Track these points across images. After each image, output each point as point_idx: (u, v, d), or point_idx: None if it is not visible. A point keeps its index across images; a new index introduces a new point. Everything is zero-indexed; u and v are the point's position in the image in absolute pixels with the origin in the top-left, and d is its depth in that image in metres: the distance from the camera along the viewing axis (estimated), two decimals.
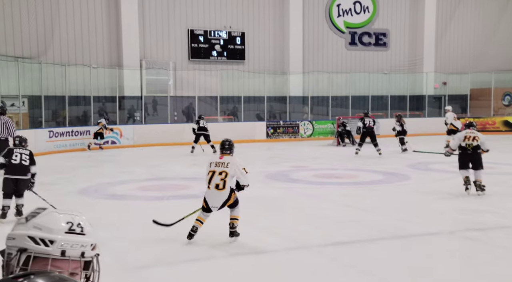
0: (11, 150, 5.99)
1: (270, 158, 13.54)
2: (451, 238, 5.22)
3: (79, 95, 16.29)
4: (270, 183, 8.80)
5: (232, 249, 4.83)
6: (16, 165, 5.85)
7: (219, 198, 4.82)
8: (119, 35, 16.95)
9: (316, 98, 19.90)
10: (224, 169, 4.76)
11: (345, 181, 9.04)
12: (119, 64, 16.90)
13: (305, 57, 19.75)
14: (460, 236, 5.28)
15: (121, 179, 9.33)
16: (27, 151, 6.00)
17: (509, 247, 4.85)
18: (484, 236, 5.28)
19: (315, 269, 4.31)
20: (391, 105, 20.35)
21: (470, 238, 5.21)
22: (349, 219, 6.10)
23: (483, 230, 5.51)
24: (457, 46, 22.01)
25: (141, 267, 4.40)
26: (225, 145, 4.97)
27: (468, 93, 21.27)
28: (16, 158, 5.87)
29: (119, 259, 4.60)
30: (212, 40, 18.36)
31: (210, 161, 4.86)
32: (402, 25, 21.22)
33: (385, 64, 20.98)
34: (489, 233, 5.39)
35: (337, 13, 20.33)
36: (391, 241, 5.13)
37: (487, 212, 6.30)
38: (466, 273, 4.15)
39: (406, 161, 11.44)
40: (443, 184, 8.70)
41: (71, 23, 16.39)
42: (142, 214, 6.62)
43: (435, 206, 6.74)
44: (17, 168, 5.87)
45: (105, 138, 14.93)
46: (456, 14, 21.93)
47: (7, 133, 9.88)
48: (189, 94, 17.87)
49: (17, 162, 5.86)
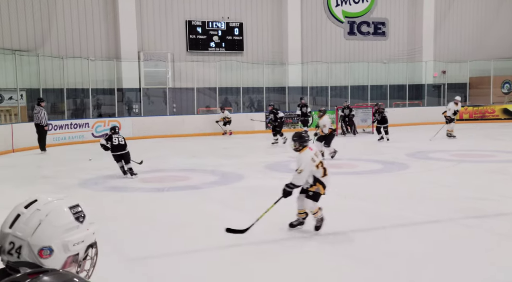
0: (110, 135, 8.55)
1: (270, 148, 13.54)
2: (451, 226, 5.23)
3: (77, 88, 16.26)
4: (269, 173, 8.80)
5: (231, 240, 4.84)
6: (117, 145, 8.47)
7: None
8: (117, 27, 16.86)
9: (315, 88, 19.85)
10: (320, 158, 5.05)
11: (345, 170, 9.04)
12: (117, 57, 16.84)
13: (304, 48, 19.67)
14: (460, 224, 5.29)
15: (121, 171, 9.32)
16: (121, 136, 8.68)
17: (508, 235, 4.87)
18: (484, 223, 5.29)
19: (314, 257, 4.33)
20: (390, 95, 20.32)
21: (469, 225, 5.22)
22: (349, 208, 6.12)
23: (482, 217, 5.53)
24: (456, 35, 21.92)
25: (141, 258, 4.42)
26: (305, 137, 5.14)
27: (467, 81, 21.24)
28: (115, 141, 8.48)
29: (119, 251, 4.61)
30: (210, 31, 18.27)
31: (309, 157, 4.90)
32: (401, 14, 21.12)
33: (384, 53, 20.91)
34: (488, 221, 5.41)
35: (335, 3, 20.21)
36: (391, 229, 5.14)
37: (487, 199, 6.31)
38: (466, 261, 4.17)
39: (406, 150, 11.45)
40: (442, 172, 8.71)
41: (68, 15, 16.29)
42: (142, 206, 6.64)
43: (435, 194, 6.75)
44: (118, 147, 8.48)
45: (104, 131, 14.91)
46: (455, 2, 21.81)
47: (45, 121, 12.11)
48: (188, 86, 17.83)
49: (116, 143, 8.48)
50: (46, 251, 1.33)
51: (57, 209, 1.37)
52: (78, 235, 1.38)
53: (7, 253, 1.33)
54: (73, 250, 1.37)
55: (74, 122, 14.79)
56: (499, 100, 20.76)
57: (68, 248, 1.36)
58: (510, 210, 5.83)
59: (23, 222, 1.34)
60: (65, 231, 1.36)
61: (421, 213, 5.73)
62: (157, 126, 16.11)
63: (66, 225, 1.36)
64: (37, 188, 7.82)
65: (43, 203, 1.38)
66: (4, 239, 1.34)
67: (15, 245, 1.32)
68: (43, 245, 1.32)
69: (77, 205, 1.42)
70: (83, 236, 1.39)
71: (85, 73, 16.09)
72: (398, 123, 18.69)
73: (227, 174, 8.73)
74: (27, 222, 1.34)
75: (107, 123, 15.52)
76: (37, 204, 1.37)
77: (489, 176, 8.09)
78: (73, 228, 1.37)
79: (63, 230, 1.35)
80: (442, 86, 21.20)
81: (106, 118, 15.82)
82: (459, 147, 12.13)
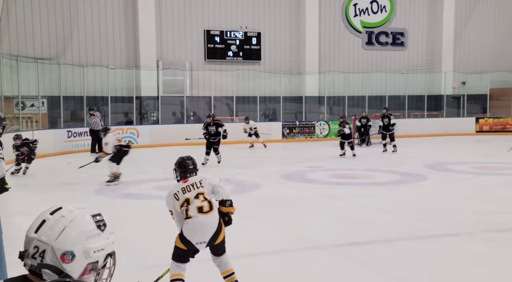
0: (207, 125, 11.16)
1: (286, 158, 13.51)
2: (469, 239, 5.12)
3: (97, 96, 16.49)
4: (285, 183, 8.77)
5: (246, 249, 4.82)
6: (211, 133, 10.97)
7: (209, 227, 3.42)
8: (136, 36, 17.10)
9: (332, 98, 19.78)
10: (199, 190, 3.47)
11: (362, 181, 8.96)
12: (136, 65, 17.06)
13: (321, 57, 19.65)
14: (478, 237, 5.18)
15: (138, 179, 9.41)
16: (214, 126, 11.04)
17: None
18: (503, 237, 5.17)
19: (330, 268, 4.28)
20: (408, 105, 20.12)
21: (488, 239, 5.11)
22: (365, 219, 6.04)
23: (502, 231, 5.41)
24: (476, 45, 21.64)
25: (156, 266, 4.42)
26: (188, 165, 3.65)
27: (487, 93, 20.92)
28: (211, 130, 11.03)
29: (134, 258, 4.63)
30: (228, 40, 18.40)
31: (172, 192, 3.53)
32: (420, 24, 20.97)
33: (403, 63, 20.75)
34: (508, 235, 5.29)
35: (353, 13, 20.18)
36: (408, 241, 5.06)
37: (506, 213, 6.17)
38: (484, 275, 4.07)
39: (423, 161, 11.30)
40: (460, 184, 8.56)
41: (89, 24, 16.59)
42: (158, 213, 6.66)
43: (453, 207, 6.63)
44: (212, 134, 10.99)
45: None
46: (475, 12, 21.58)
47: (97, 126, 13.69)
48: (205, 94, 17.94)
49: (212, 132, 10.99)
50: (68, 256, 1.39)
51: (80, 216, 1.45)
52: (99, 243, 1.45)
53: (31, 257, 1.40)
54: (93, 257, 1.43)
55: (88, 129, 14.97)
56: None
57: (89, 255, 1.42)
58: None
59: (48, 228, 1.41)
60: (88, 237, 1.43)
61: (439, 226, 5.63)
62: (174, 134, 16.21)
63: (88, 232, 1.43)
64: (54, 195, 7.93)
65: (67, 211, 1.46)
66: (29, 244, 1.42)
67: (39, 249, 1.39)
68: (65, 250, 1.39)
69: (99, 214, 1.50)
70: (103, 244, 1.46)
71: (104, 81, 16.33)
72: (416, 134, 18.48)
73: (243, 183, 8.73)
74: (52, 227, 1.41)
75: (126, 131, 15.70)
76: (62, 211, 1.45)
77: (509, 189, 7.91)
78: (94, 236, 1.44)
79: (85, 236, 1.42)
80: (462, 97, 20.92)
81: (124, 126, 16.00)
82: (480, 159, 11.92)
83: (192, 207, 3.39)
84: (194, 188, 3.46)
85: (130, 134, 15.70)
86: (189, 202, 3.40)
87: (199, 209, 3.38)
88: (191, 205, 3.39)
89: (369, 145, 15.73)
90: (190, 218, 3.38)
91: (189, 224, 3.38)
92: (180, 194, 3.45)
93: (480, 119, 19.95)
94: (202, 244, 3.43)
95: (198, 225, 3.38)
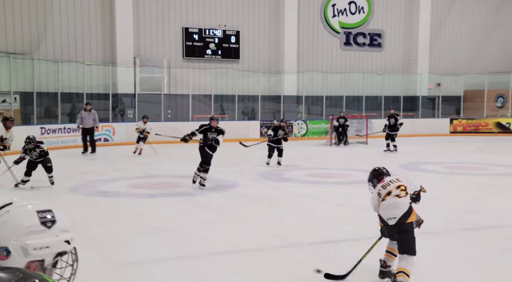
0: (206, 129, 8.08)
1: (264, 157, 13.51)
2: (444, 238, 5.22)
3: (72, 92, 16.21)
4: (263, 182, 8.79)
5: (223, 247, 4.81)
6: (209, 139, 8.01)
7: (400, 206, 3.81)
8: (113, 32, 16.87)
9: (310, 98, 19.91)
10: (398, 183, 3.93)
11: (338, 180, 9.04)
12: (112, 62, 16.83)
13: (300, 57, 19.75)
14: (453, 236, 5.29)
15: (113, 176, 9.29)
16: (215, 133, 8.06)
17: (500, 247, 4.86)
18: (476, 236, 5.29)
19: (303, 267, 4.30)
20: (385, 106, 20.40)
21: (461, 237, 5.22)
22: (341, 218, 6.10)
23: (475, 229, 5.53)
24: (451, 48, 22.10)
25: (129, 264, 4.37)
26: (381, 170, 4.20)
27: (461, 94, 21.38)
28: (211, 137, 8.02)
29: (107, 256, 4.57)
30: (207, 38, 18.32)
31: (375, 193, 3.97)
32: (396, 26, 21.28)
33: (380, 64, 21.03)
34: (480, 233, 5.41)
35: (332, 13, 20.35)
36: (383, 240, 5.12)
37: (477, 212, 6.32)
38: (457, 272, 4.16)
39: (398, 161, 11.47)
40: (434, 184, 8.72)
41: (65, 19, 16.29)
42: (132, 211, 6.59)
43: (427, 206, 6.74)
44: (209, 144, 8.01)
45: (97, 136, 14.83)
46: (450, 15, 22.02)
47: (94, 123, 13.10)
48: (183, 92, 17.82)
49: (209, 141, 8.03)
50: (3, 252, 1.30)
51: (24, 211, 1.36)
52: (42, 240, 1.34)
53: None
54: (34, 255, 1.33)
55: (68, 127, 14.70)
56: (493, 114, 20.89)
57: (27, 252, 1.32)
58: (500, 223, 5.83)
59: None
60: (27, 234, 1.33)
61: None
62: (151, 132, 16.01)
63: (28, 227, 1.33)
64: (26, 193, 7.76)
65: (15, 206, 1.38)
66: None
67: None
68: (0, 245, 1.31)
69: (49, 210, 1.39)
70: (48, 242, 1.35)
71: (80, 77, 16.05)
72: None
73: (221, 181, 8.71)
74: None
75: (101, 128, 15.47)
76: (10, 206, 1.38)
77: (480, 189, 8.11)
78: (36, 232, 1.34)
79: (24, 232, 1.32)
80: (437, 98, 21.33)
81: (100, 123, 15.75)
82: (452, 159, 12.17)
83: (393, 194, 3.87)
84: (392, 183, 3.94)
85: (106, 132, 15.49)
86: (390, 193, 3.87)
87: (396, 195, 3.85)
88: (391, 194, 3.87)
89: (347, 144, 15.88)
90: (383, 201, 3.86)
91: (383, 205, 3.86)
92: (382, 191, 3.91)
93: (454, 120, 20.38)
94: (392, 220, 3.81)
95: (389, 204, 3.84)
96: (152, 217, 6.20)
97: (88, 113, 13.07)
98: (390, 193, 3.88)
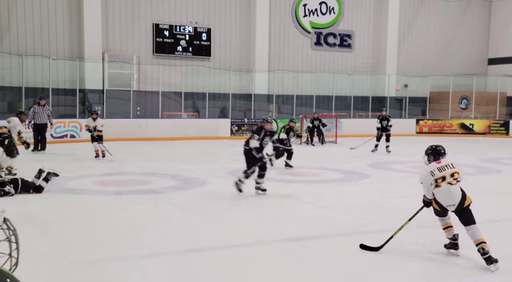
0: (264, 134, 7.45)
1: (234, 155, 13.49)
2: (404, 236, 5.33)
3: (37, 87, 15.75)
4: (232, 180, 8.75)
5: (191, 245, 4.77)
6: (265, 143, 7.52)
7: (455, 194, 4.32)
8: (81, 26, 16.47)
9: (281, 96, 20.00)
10: (453, 170, 4.39)
11: (308, 178, 9.12)
12: (80, 57, 16.45)
13: (271, 56, 19.81)
14: (413, 233, 5.41)
15: (79, 174, 9.09)
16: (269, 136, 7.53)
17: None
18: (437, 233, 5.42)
19: (271, 263, 4.32)
20: (354, 106, 20.71)
21: (422, 234, 5.34)
22: (309, 215, 6.15)
23: (435, 227, 5.66)
24: (419, 50, 22.62)
25: (94, 262, 4.28)
26: (440, 150, 4.62)
27: (427, 96, 21.91)
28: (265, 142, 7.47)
29: (71, 254, 4.46)
30: (178, 35, 18.14)
31: (428, 170, 4.45)
32: (366, 27, 21.62)
33: (349, 65, 21.32)
34: (439, 230, 5.55)
35: (303, 13, 20.49)
36: (348, 237, 5.20)
37: None
38: (418, 266, 4.26)
39: (367, 160, 11.66)
40: (399, 182, 8.92)
41: (29, 10, 15.81)
42: (98, 209, 6.46)
43: (392, 204, 6.89)
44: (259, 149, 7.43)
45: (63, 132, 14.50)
46: (418, 18, 22.53)
47: (48, 120, 12.59)
48: (153, 89, 17.60)
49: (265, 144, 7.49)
50: None
51: None
52: None
53: None
54: None
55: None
56: (457, 115, 21.51)
57: None
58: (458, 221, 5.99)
59: None
60: None
61: (377, 222, 5.83)
62: (120, 129, 15.77)
63: None
64: None
65: None
66: None
67: None
68: None
69: None
70: None
71: (45, 72, 15.63)
72: (361, 134, 19.03)
73: (189, 179, 8.64)
74: None
75: (68, 124, 15.12)
76: None
77: None
78: None
79: None
80: (404, 99, 21.78)
81: (66, 119, 15.39)
82: (417, 159, 12.44)
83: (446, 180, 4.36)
84: (448, 168, 4.40)
85: (72, 128, 15.14)
86: (444, 179, 4.35)
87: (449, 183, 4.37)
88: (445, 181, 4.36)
89: (324, 143, 15.94)
90: (439, 187, 4.38)
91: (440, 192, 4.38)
92: (436, 172, 4.39)
93: (420, 121, 20.87)
94: (451, 207, 4.37)
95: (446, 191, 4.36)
96: (118, 215, 6.10)
97: (42, 108, 12.49)
98: (445, 178, 4.35)
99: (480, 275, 4.09)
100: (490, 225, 5.36)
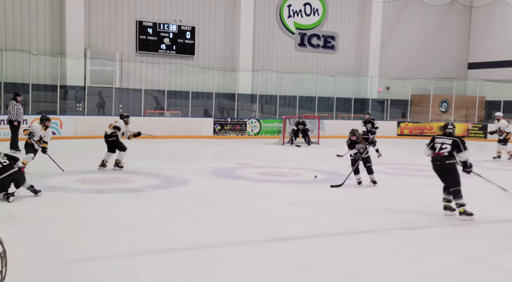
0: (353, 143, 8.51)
1: (216, 154, 13.50)
2: (384, 236, 5.42)
3: (16, 82, 15.49)
4: (214, 179, 8.77)
5: (173, 244, 4.77)
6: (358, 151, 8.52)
7: None
8: (63, 21, 16.25)
9: (264, 97, 20.05)
10: None
11: (289, 179, 9.17)
12: (61, 52, 16.23)
13: (255, 56, 19.84)
14: (393, 234, 5.50)
15: (60, 171, 8.96)
16: None
17: (435, 246, 5.11)
18: (415, 234, 5.53)
19: (253, 263, 4.34)
20: (336, 107, 20.87)
21: (402, 236, 5.44)
22: (290, 216, 6.20)
23: (414, 229, 5.78)
24: (401, 53, 22.93)
25: (74, 261, 4.25)
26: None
27: (409, 98, 22.21)
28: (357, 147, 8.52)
29: (53, 253, 4.42)
30: (161, 33, 18.04)
31: None
32: (349, 30, 21.82)
33: (333, 66, 21.48)
34: (419, 232, 5.66)
35: (287, 14, 20.58)
36: (329, 237, 5.26)
37: (418, 212, 6.59)
38: (397, 268, 4.33)
39: (348, 162, 11.73)
40: (380, 184, 9.02)
41: (10, 4, 15.53)
42: (79, 207, 6.40)
43: (372, 205, 6.98)
44: None
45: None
46: (400, 22, 22.83)
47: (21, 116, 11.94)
48: (136, 87, 17.47)
49: None
50: None
51: None
52: None
53: None
54: None
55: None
56: (437, 118, 21.86)
57: None
58: (439, 223, 6.12)
59: None
60: None
61: (358, 223, 5.90)
62: (102, 126, 15.56)
63: None
64: None
65: None
66: None
67: None
68: None
69: None
70: None
71: (26, 67, 15.38)
72: (343, 135, 19.18)
73: (170, 178, 8.61)
74: None
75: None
76: None
77: (422, 190, 8.47)
78: None
79: None
80: (386, 101, 22.05)
81: (48, 115, 15.13)
82: (398, 161, 12.63)
83: None
84: None
85: (53, 125, 14.87)
86: None
87: None
88: None
89: (311, 144, 15.99)
90: None
91: None
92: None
93: (401, 123, 21.15)
94: None
95: None
96: (100, 213, 6.05)
97: (20, 105, 12.10)
98: None
99: None
100: None
